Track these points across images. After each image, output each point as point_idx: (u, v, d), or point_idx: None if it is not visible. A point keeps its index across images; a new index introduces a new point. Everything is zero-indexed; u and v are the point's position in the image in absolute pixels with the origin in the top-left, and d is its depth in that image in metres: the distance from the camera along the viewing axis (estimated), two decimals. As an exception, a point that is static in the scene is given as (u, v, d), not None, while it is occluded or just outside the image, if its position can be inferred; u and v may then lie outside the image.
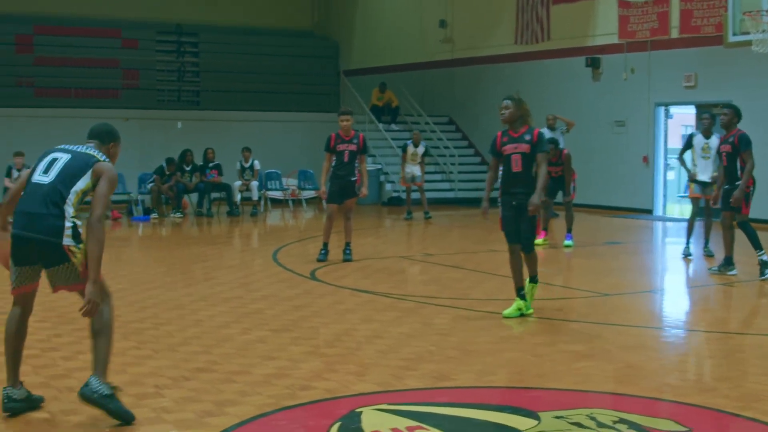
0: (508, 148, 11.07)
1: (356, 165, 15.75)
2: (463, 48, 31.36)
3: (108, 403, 6.90)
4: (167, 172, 24.88)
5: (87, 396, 6.89)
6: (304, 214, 26.38)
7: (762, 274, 14.11)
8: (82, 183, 6.95)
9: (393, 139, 29.96)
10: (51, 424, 6.92)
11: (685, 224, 17.32)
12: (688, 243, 16.72)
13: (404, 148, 24.45)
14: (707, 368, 8.87)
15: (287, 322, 10.72)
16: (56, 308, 11.49)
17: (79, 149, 7.16)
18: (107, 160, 7.14)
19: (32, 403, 7.25)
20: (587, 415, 7.10)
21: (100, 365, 7.04)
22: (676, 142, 26.36)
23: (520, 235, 11.09)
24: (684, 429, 6.88)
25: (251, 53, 34.82)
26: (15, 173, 23.36)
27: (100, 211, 6.86)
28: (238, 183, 26.00)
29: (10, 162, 23.63)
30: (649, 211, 25.47)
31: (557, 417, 7.06)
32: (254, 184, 26.05)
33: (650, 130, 25.55)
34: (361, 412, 7.17)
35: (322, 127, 29.01)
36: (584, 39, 27.07)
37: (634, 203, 25.83)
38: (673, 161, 26.59)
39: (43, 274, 7.13)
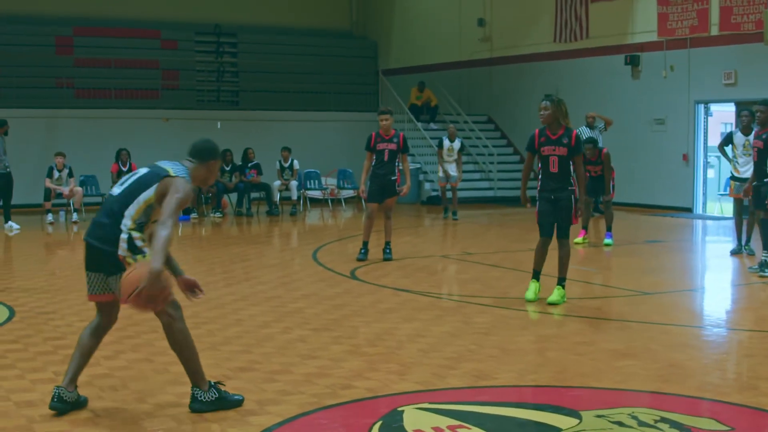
0: (547, 150, 11.57)
1: (397, 164, 15.77)
2: (502, 47, 31.32)
3: (224, 405, 7.22)
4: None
5: (200, 410, 7.16)
6: (343, 214, 26.42)
7: (762, 271, 14.15)
8: (145, 195, 7.02)
9: (432, 138, 29.91)
10: (94, 423, 6.97)
11: (726, 222, 17.23)
12: (739, 241, 16.65)
13: (440, 144, 24.29)
14: (749, 367, 8.82)
15: (328, 322, 10.75)
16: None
17: (163, 164, 7.23)
18: (186, 176, 7.16)
19: (78, 405, 7.30)
20: (629, 414, 7.08)
21: (193, 376, 7.23)
22: (715, 140, 26.19)
23: (554, 228, 11.81)
24: (726, 428, 6.85)
25: (290, 53, 34.84)
26: (56, 173, 23.53)
27: (162, 219, 6.81)
28: (277, 183, 26.08)
29: (52, 162, 23.79)
30: (689, 210, 25.37)
31: (599, 416, 7.04)
32: (293, 183, 26.12)
33: (690, 128, 25.44)
34: (402, 411, 7.18)
35: (360, 127, 29.12)
36: (623, 37, 26.99)
37: (674, 201, 25.73)
38: (713, 159, 26.50)
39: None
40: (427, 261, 16.45)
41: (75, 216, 23.66)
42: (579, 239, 18.23)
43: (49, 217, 23.20)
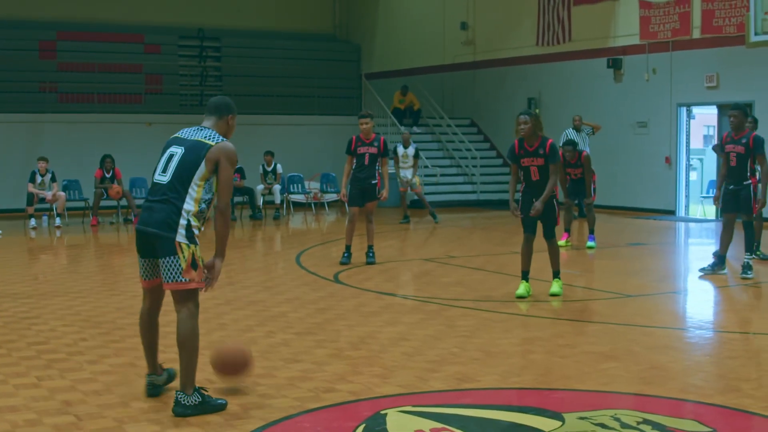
0: (526, 161, 12.27)
1: (377, 168, 15.77)
2: (485, 50, 31.38)
3: (206, 410, 7.28)
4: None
5: (182, 414, 7.21)
6: (327, 218, 26.43)
7: (744, 273, 14.30)
8: (199, 173, 7.28)
9: (415, 141, 29.89)
10: (77, 427, 6.96)
11: (709, 225, 17.27)
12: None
13: (394, 151, 24.40)
14: (731, 369, 8.84)
15: (311, 325, 10.76)
16: (81, 312, 11.58)
17: (192, 136, 7.44)
18: (221, 139, 7.46)
19: (171, 378, 7.86)
20: (611, 416, 7.11)
21: (185, 378, 7.31)
22: (698, 143, 26.33)
23: (537, 226, 12.45)
24: (708, 429, 6.88)
25: (273, 57, 34.87)
26: (39, 178, 23.51)
27: (226, 197, 7.40)
28: (260, 187, 26.07)
29: (35, 167, 23.76)
30: (672, 212, 25.43)
31: (581, 418, 7.07)
32: (277, 187, 26.11)
33: (672, 131, 25.52)
34: (386, 414, 7.19)
35: (344, 131, 29.06)
36: (606, 40, 27.07)
37: (657, 204, 25.79)
38: (696, 162, 26.57)
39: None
40: (411, 264, 16.47)
41: (58, 221, 23.63)
42: (562, 242, 18.24)
43: (32, 222, 23.16)
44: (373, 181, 15.73)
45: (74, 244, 20.44)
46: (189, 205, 7.26)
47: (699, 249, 19.36)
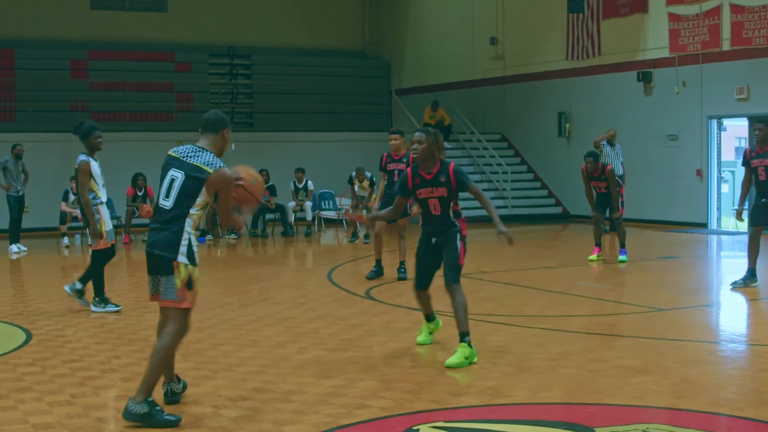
0: (424, 192, 9.97)
1: None
2: (514, 65, 31.38)
3: (152, 423, 7.36)
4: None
5: (129, 418, 7.40)
6: (359, 233, 26.44)
7: None
8: (200, 200, 7.62)
9: (446, 157, 29.88)
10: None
11: (741, 237, 17.18)
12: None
13: (350, 180, 25.57)
14: (763, 382, 8.80)
15: (343, 342, 10.77)
16: (114, 330, 11.65)
17: (192, 160, 7.68)
18: (219, 165, 7.68)
19: (185, 387, 8.15)
20: (643, 431, 7.09)
21: (140, 385, 7.49)
22: (729, 155, 26.24)
23: (431, 277, 10.43)
24: (740, 443, 6.87)
25: (303, 74, 34.93)
26: (72, 197, 23.63)
27: (229, 223, 7.96)
28: (292, 204, 26.13)
29: (67, 186, 23.90)
30: (704, 225, 25.34)
31: (613, 432, 7.07)
32: (308, 204, 26.16)
33: (703, 144, 25.44)
34: (418, 430, 7.19)
35: (374, 147, 29.15)
36: (635, 53, 27.03)
37: (688, 217, 25.71)
38: (727, 174, 26.47)
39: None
40: (442, 280, 16.37)
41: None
42: (593, 256, 18.26)
43: (65, 240, 23.31)
44: None
45: (107, 263, 20.50)
46: (189, 227, 7.58)
47: (731, 262, 19.26)
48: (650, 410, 7.83)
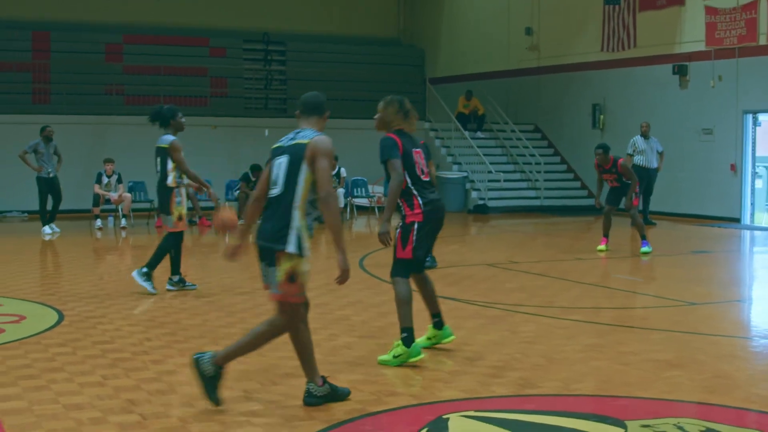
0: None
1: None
2: (549, 56, 31.27)
3: (335, 398, 7.52)
4: (252, 179, 25.10)
5: (313, 404, 7.46)
6: (391, 222, 26.36)
7: None
8: (303, 176, 7.32)
9: (479, 147, 29.89)
10: (142, 426, 7.02)
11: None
12: None
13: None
14: (797, 378, 8.77)
15: (374, 329, 10.78)
16: (146, 312, 11.68)
17: (292, 142, 7.50)
18: (315, 134, 7.50)
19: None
20: (674, 425, 7.05)
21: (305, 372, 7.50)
22: (764, 150, 26.06)
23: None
24: (773, 439, 6.82)
25: (337, 61, 34.93)
26: (105, 179, 23.74)
27: (326, 188, 7.27)
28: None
29: (101, 169, 23.99)
30: (737, 220, 25.20)
31: (644, 426, 7.02)
32: (340, 191, 26.15)
33: (738, 138, 25.29)
34: (447, 419, 7.19)
35: (408, 135, 28.99)
36: (671, 46, 26.87)
37: (722, 212, 25.56)
38: (761, 169, 26.31)
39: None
40: (473, 269, 16.42)
41: (123, 222, 23.85)
42: (602, 246, 18.27)
43: (98, 222, 23.41)
44: None
45: (139, 245, 20.58)
46: (297, 213, 7.33)
47: (764, 257, 19.16)
48: (682, 404, 7.79)
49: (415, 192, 9.24)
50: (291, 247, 7.30)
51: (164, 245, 13.17)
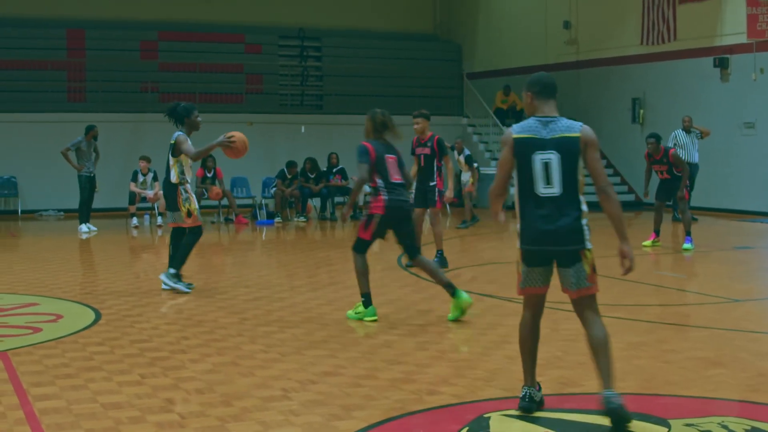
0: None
1: (436, 169, 15.53)
2: (588, 49, 31.10)
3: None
4: (288, 176, 25.09)
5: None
6: (427, 218, 26.29)
7: None
8: (578, 170, 7.08)
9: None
10: (180, 425, 6.97)
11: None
12: None
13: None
14: (844, 376, 8.62)
15: (413, 327, 10.70)
16: (183, 311, 11.66)
17: (555, 135, 7.08)
18: (580, 126, 7.18)
19: (541, 403, 7.36)
20: (719, 423, 6.95)
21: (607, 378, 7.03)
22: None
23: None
24: (821, 439, 6.70)
25: (374, 57, 34.83)
26: (141, 177, 23.79)
27: (604, 179, 7.09)
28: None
29: (136, 167, 24.04)
30: (780, 215, 25.00)
31: (688, 425, 6.92)
32: (377, 187, 26.02)
33: (781, 132, 25.09)
34: (489, 418, 7.11)
35: (445, 131, 28.88)
36: (712, 39, 26.65)
37: (764, 207, 25.35)
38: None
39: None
40: (512, 266, 16.24)
41: (159, 220, 23.89)
42: (647, 242, 18.14)
43: (134, 220, 23.47)
44: (431, 183, 15.48)
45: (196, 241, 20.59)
46: (583, 206, 7.22)
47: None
48: (726, 402, 7.69)
49: (382, 191, 11.09)
50: (588, 244, 7.26)
51: (188, 241, 13.13)
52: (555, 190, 7.05)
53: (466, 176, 24.43)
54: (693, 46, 27.12)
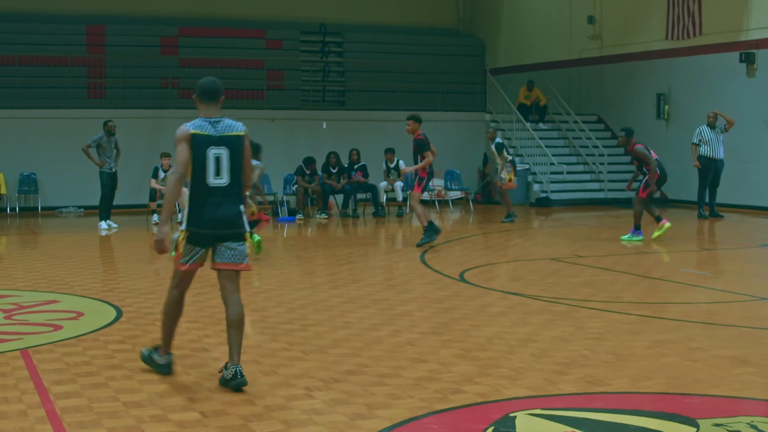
0: None
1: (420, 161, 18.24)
2: (612, 44, 30.92)
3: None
4: (307, 172, 25.03)
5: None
6: (451, 215, 26.26)
7: None
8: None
9: (541, 138, 29.61)
10: (203, 424, 6.91)
11: None
12: None
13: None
14: None
15: (437, 325, 10.62)
16: (204, 308, 11.59)
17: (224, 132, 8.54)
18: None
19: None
20: (748, 423, 6.88)
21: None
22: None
23: None
24: None
25: (396, 52, 34.70)
26: (162, 174, 23.71)
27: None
28: (383, 183, 25.99)
29: (158, 163, 23.99)
30: (807, 212, 24.81)
31: (716, 425, 6.84)
32: (399, 184, 25.98)
33: (808, 128, 24.90)
34: (515, 417, 7.04)
35: (468, 127, 28.97)
36: (738, 33, 26.43)
37: (790, 203, 25.17)
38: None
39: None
40: (538, 264, 16.21)
41: (180, 216, 23.84)
42: (625, 236, 18.39)
43: (155, 217, 23.42)
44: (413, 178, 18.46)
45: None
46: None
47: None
48: (755, 402, 7.61)
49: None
50: (248, 227, 8.34)
51: None
52: (223, 180, 8.09)
53: (503, 173, 23.91)
54: (719, 41, 26.91)
